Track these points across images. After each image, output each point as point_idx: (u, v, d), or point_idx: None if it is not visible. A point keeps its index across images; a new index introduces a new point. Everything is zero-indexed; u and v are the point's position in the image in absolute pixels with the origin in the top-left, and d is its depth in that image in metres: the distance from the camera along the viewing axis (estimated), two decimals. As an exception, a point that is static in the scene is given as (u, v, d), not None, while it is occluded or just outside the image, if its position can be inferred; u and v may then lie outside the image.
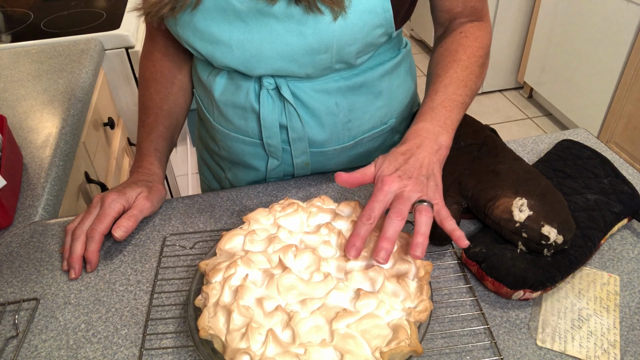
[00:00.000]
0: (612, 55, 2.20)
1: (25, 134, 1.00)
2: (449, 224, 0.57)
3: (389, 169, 0.59)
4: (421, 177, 0.59)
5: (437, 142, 0.63)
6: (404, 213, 0.56)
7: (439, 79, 0.70)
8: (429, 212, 0.56)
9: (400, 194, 0.57)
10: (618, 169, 0.72)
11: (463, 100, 0.68)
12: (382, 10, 0.64)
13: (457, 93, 0.68)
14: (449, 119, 0.66)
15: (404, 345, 0.47)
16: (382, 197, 0.57)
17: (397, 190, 0.58)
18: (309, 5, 0.61)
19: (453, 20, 0.76)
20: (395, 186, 0.58)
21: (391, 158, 0.61)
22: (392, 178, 0.58)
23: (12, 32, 1.52)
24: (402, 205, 0.56)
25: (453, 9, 0.74)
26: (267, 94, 0.72)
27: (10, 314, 0.61)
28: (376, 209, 0.56)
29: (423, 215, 0.56)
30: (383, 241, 0.54)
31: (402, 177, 0.58)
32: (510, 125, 2.81)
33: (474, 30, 0.74)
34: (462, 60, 0.71)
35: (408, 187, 0.57)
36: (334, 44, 0.65)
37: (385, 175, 0.59)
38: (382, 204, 0.57)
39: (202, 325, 0.50)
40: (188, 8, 0.65)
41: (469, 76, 0.70)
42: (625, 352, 0.53)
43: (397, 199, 0.57)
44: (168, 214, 0.75)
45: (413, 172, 0.59)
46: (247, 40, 0.66)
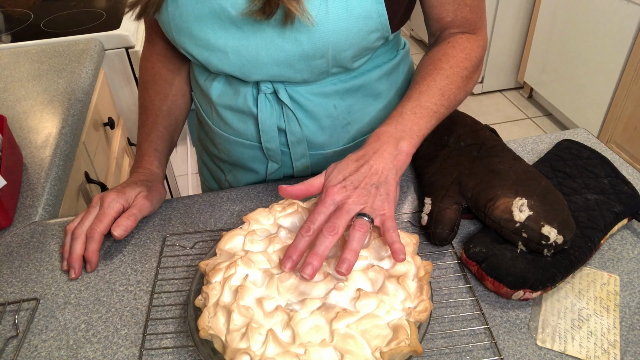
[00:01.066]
0: (612, 55, 2.20)
1: (25, 134, 1.00)
2: (390, 236, 0.54)
3: (337, 179, 0.57)
4: (369, 186, 0.57)
5: (396, 148, 0.60)
6: (338, 228, 0.53)
7: (415, 85, 0.68)
8: (364, 227, 0.54)
9: (341, 206, 0.55)
10: (618, 169, 0.72)
11: (437, 109, 0.65)
12: (377, 15, 0.64)
13: (431, 101, 0.65)
14: (415, 125, 0.63)
15: (404, 345, 0.47)
16: (324, 208, 0.55)
17: (340, 202, 0.56)
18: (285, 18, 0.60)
19: (444, 31, 0.74)
20: (339, 197, 0.56)
21: (342, 166, 0.59)
22: (336, 189, 0.56)
23: (12, 32, 1.52)
24: (338, 219, 0.54)
25: (443, 18, 0.72)
26: (265, 98, 0.72)
27: (10, 314, 0.61)
28: (317, 220, 0.54)
29: (356, 230, 0.53)
30: (311, 256, 0.52)
31: (347, 188, 0.56)
32: (510, 125, 2.81)
33: (463, 42, 0.71)
34: (444, 69, 0.68)
35: (351, 199, 0.55)
36: (330, 50, 0.64)
37: (330, 186, 0.57)
38: (324, 215, 0.55)
39: (202, 325, 0.50)
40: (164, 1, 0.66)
41: (448, 86, 0.67)
42: (625, 352, 0.53)
43: (336, 211, 0.55)
44: (168, 214, 0.75)
45: (361, 182, 0.57)
46: (242, 47, 0.66)
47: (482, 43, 0.73)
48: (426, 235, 0.66)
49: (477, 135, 0.76)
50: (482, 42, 0.73)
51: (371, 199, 0.56)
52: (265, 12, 0.60)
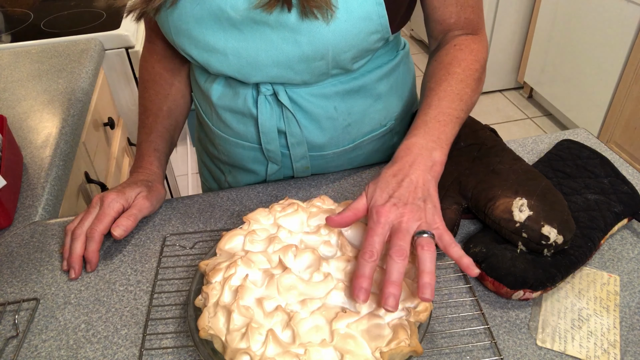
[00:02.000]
0: (612, 55, 2.20)
1: (25, 134, 1.00)
2: (455, 251, 0.53)
3: (382, 197, 0.56)
4: (417, 201, 0.55)
5: (430, 159, 0.60)
6: (405, 250, 0.52)
7: (432, 92, 0.67)
8: (431, 245, 0.52)
9: (398, 226, 0.53)
10: (618, 169, 0.72)
11: (458, 114, 0.65)
12: (377, 16, 0.63)
13: (452, 107, 0.65)
14: (443, 133, 0.63)
15: (404, 345, 0.47)
16: (380, 229, 0.53)
17: (395, 221, 0.54)
18: (304, 10, 0.60)
19: (447, 33, 0.73)
20: (392, 216, 0.54)
21: (383, 184, 0.57)
22: (387, 208, 0.54)
23: (12, 32, 1.52)
24: (402, 240, 0.52)
25: (446, 20, 0.71)
26: (265, 100, 0.72)
27: (10, 314, 0.61)
28: (377, 243, 0.52)
29: (425, 250, 0.51)
30: (389, 286, 0.49)
31: (397, 205, 0.55)
32: (510, 125, 2.81)
33: (469, 43, 0.71)
34: (457, 73, 0.68)
35: (405, 217, 0.54)
36: (329, 51, 0.64)
37: (379, 206, 0.55)
38: (382, 237, 0.53)
39: (202, 325, 0.50)
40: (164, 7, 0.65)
41: (464, 89, 0.67)
42: (625, 352, 0.53)
43: (395, 233, 0.53)
44: (168, 214, 0.75)
45: (408, 197, 0.55)
46: (242, 49, 0.65)
47: (485, 43, 0.73)
48: (426, 235, 0.66)
49: (477, 135, 0.76)
50: (485, 42, 0.73)
51: (424, 213, 0.55)
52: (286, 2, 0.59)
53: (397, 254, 0.51)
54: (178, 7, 0.65)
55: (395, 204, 0.55)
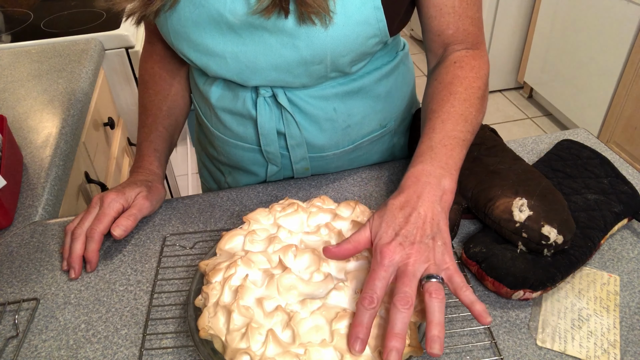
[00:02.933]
0: (612, 55, 2.20)
1: (25, 134, 1.00)
2: (466, 296, 0.49)
3: (388, 235, 0.52)
4: (425, 239, 0.51)
5: (440, 187, 0.56)
6: (411, 298, 0.48)
7: (435, 114, 0.63)
8: (440, 292, 0.48)
9: (404, 268, 0.50)
10: (618, 169, 0.72)
11: (464, 137, 0.61)
12: (376, 20, 0.63)
13: (457, 129, 0.61)
14: (450, 158, 0.59)
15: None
16: (383, 273, 0.50)
17: (400, 263, 0.50)
18: (302, 16, 0.60)
19: (446, 47, 0.70)
20: (398, 257, 0.50)
21: (389, 218, 0.53)
22: (392, 247, 0.50)
23: (12, 32, 1.52)
24: (407, 287, 0.48)
25: (444, 31, 0.68)
26: (264, 102, 0.72)
27: (10, 314, 0.61)
28: (378, 288, 0.49)
29: (434, 298, 0.47)
30: (392, 339, 0.46)
31: (403, 245, 0.51)
32: (510, 125, 2.81)
33: (470, 60, 0.67)
34: (459, 92, 0.64)
35: (412, 258, 0.50)
36: (328, 55, 0.64)
37: (384, 245, 0.51)
38: (385, 280, 0.49)
39: (202, 325, 0.50)
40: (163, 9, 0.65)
41: (468, 109, 0.63)
42: (625, 352, 0.53)
43: (400, 277, 0.49)
44: (168, 214, 0.75)
45: (416, 235, 0.51)
46: (241, 53, 0.65)
47: (486, 59, 0.70)
48: (426, 235, 0.66)
49: (477, 135, 0.76)
50: (485, 58, 0.70)
51: (432, 254, 0.51)
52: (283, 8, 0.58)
53: (401, 303, 0.47)
54: (177, 10, 0.65)
55: (401, 243, 0.51)
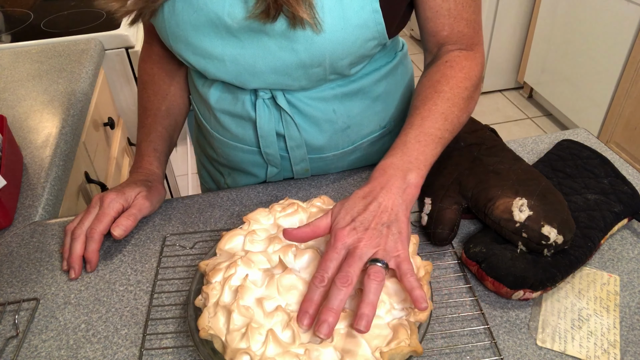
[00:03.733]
0: (612, 55, 2.20)
1: (25, 134, 1.00)
2: (409, 282, 0.50)
3: (345, 220, 0.54)
4: (379, 226, 0.53)
5: (404, 181, 0.58)
6: (352, 277, 0.49)
7: (417, 111, 0.65)
8: (378, 275, 0.50)
9: (353, 251, 0.51)
10: (618, 169, 0.72)
11: (442, 134, 0.63)
12: (374, 24, 0.63)
13: (435, 127, 0.63)
14: (422, 154, 0.60)
15: (404, 345, 0.47)
16: (335, 254, 0.52)
17: (351, 246, 0.52)
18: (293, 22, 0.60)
19: (441, 47, 0.71)
20: (349, 241, 0.52)
21: (349, 205, 0.55)
22: (346, 231, 0.53)
23: (12, 32, 1.52)
24: (351, 267, 0.50)
25: (439, 32, 0.69)
26: (263, 104, 0.72)
27: (10, 314, 0.61)
28: (330, 268, 0.51)
29: (372, 280, 0.49)
30: (326, 312, 0.48)
31: (357, 229, 0.53)
32: (510, 125, 2.81)
33: (461, 60, 0.68)
34: (444, 92, 0.65)
35: (362, 242, 0.52)
36: (327, 59, 0.64)
37: (339, 229, 0.53)
38: (336, 262, 0.52)
39: (202, 325, 0.50)
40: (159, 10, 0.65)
41: (451, 109, 0.64)
42: (625, 352, 0.53)
43: (347, 258, 0.51)
44: (168, 214, 0.75)
45: (371, 222, 0.53)
46: (240, 56, 0.65)
47: (480, 60, 0.70)
48: (426, 235, 0.66)
49: (477, 135, 0.76)
50: (480, 59, 0.70)
51: (383, 240, 0.52)
52: (269, 15, 0.59)
53: (341, 281, 0.49)
54: (175, 14, 0.65)
55: (355, 227, 0.53)
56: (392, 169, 0.59)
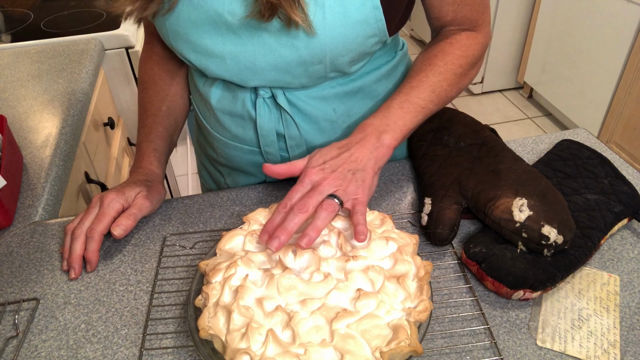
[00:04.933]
0: (612, 55, 2.20)
1: (25, 134, 1.00)
2: (356, 218, 0.56)
3: (317, 162, 0.60)
4: (345, 171, 0.59)
5: (378, 140, 0.62)
6: (308, 206, 0.56)
7: (408, 80, 0.69)
8: (330, 207, 0.56)
9: (316, 186, 0.58)
10: (618, 169, 0.72)
11: (425, 104, 0.67)
12: (375, 20, 0.63)
13: (420, 97, 0.66)
14: (400, 119, 0.64)
15: (404, 345, 0.47)
16: (300, 187, 0.59)
17: (316, 182, 0.58)
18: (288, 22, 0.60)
19: (445, 27, 0.74)
20: (316, 178, 0.59)
21: (325, 151, 0.62)
22: (315, 170, 0.59)
23: (12, 32, 1.52)
24: (310, 198, 0.57)
25: (443, 17, 0.72)
26: (264, 103, 0.72)
27: (10, 314, 0.61)
28: (293, 198, 0.58)
29: (323, 209, 0.56)
30: (279, 231, 0.55)
31: (324, 170, 0.59)
32: (510, 125, 2.81)
33: (462, 39, 0.71)
34: (438, 66, 0.69)
35: (326, 181, 0.58)
36: (327, 55, 0.64)
37: (310, 167, 0.60)
38: (300, 193, 0.58)
39: (202, 325, 0.50)
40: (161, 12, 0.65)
41: (440, 83, 0.68)
42: (625, 352, 0.53)
43: (310, 191, 0.58)
44: (168, 214, 0.75)
45: (339, 166, 0.59)
46: (240, 53, 0.65)
47: (482, 40, 0.73)
48: (426, 235, 0.66)
49: (477, 135, 0.76)
50: (482, 39, 0.73)
51: (346, 183, 0.58)
52: (264, 16, 0.59)
53: (298, 208, 0.56)
54: (175, 12, 0.65)
55: (323, 169, 0.59)
56: (370, 128, 0.64)
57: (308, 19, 0.60)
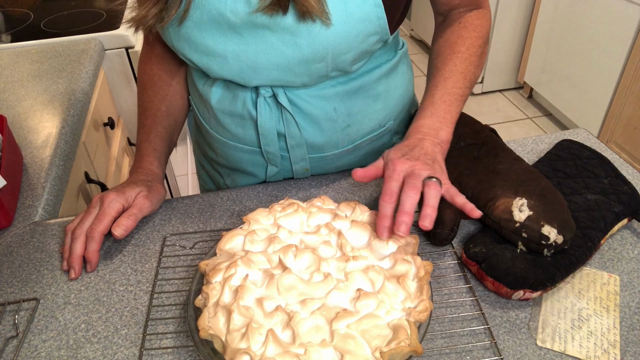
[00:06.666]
0: (612, 55, 2.20)
1: (25, 134, 1.00)
2: (460, 199, 0.60)
3: (396, 155, 0.63)
4: (427, 159, 0.62)
5: (437, 137, 0.66)
6: (418, 186, 0.58)
7: (438, 72, 0.72)
8: (437, 186, 0.59)
9: (411, 172, 0.60)
10: (618, 169, 0.72)
11: (462, 92, 0.70)
12: (376, 18, 0.64)
13: (457, 86, 0.70)
14: (448, 113, 0.68)
15: (404, 345, 0.47)
16: (396, 176, 0.60)
17: (408, 169, 0.60)
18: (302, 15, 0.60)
19: (452, 10, 0.76)
20: (406, 166, 0.61)
21: (396, 148, 0.64)
22: (401, 160, 0.61)
23: (12, 32, 1.52)
24: (415, 179, 0.59)
25: (451, 2, 0.75)
26: (264, 102, 0.72)
27: (10, 314, 0.61)
28: (394, 187, 0.60)
29: (432, 188, 0.58)
30: (402, 215, 0.57)
31: (410, 159, 0.61)
32: (510, 125, 2.81)
33: (473, 20, 0.74)
34: (461, 52, 0.72)
35: (417, 166, 0.60)
36: (329, 53, 0.64)
37: (393, 159, 0.62)
38: (398, 182, 0.60)
39: (202, 326, 0.50)
40: (175, 21, 0.65)
41: (468, 67, 0.71)
42: (625, 352, 0.53)
43: (408, 176, 0.60)
44: (168, 214, 0.75)
45: (420, 156, 0.62)
46: (242, 52, 0.65)
47: (488, 15, 0.76)
48: (426, 235, 0.66)
49: (477, 135, 0.76)
50: (488, 15, 0.76)
51: (432, 169, 0.61)
52: (281, 6, 0.60)
53: (410, 188, 0.58)
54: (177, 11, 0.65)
55: (408, 158, 0.62)
56: (424, 128, 0.67)
57: (324, 7, 0.61)
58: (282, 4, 0.60)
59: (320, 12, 0.60)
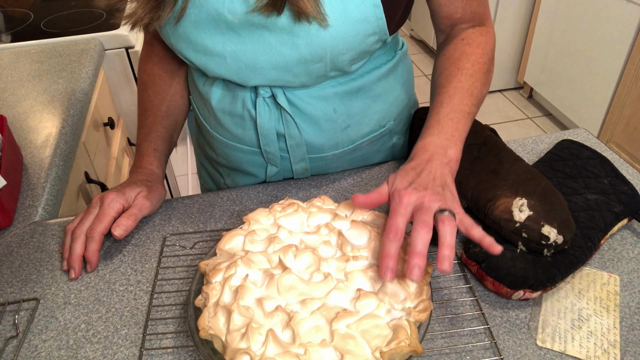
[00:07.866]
0: (612, 55, 2.20)
1: (25, 134, 1.00)
2: (477, 232, 0.55)
3: (403, 184, 0.58)
4: (436, 187, 0.57)
5: (446, 156, 0.62)
6: (430, 223, 0.53)
7: (443, 89, 0.69)
8: (452, 221, 0.53)
9: (420, 205, 0.55)
10: (618, 169, 0.72)
11: (469, 110, 0.67)
12: (375, 18, 0.63)
13: (463, 103, 0.67)
14: (456, 131, 0.65)
15: (404, 345, 0.47)
16: (402, 210, 0.55)
17: (417, 202, 0.55)
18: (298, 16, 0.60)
19: (454, 27, 0.74)
20: (414, 197, 0.55)
21: (402, 174, 0.59)
22: (408, 191, 0.56)
23: (12, 32, 1.52)
24: (426, 215, 0.54)
25: (452, 15, 0.72)
26: (264, 102, 0.72)
27: (10, 314, 0.61)
28: (400, 223, 0.54)
29: (446, 225, 0.53)
30: (414, 257, 0.51)
31: (418, 189, 0.56)
32: (510, 125, 2.82)
33: (477, 37, 0.72)
34: (466, 68, 0.69)
35: (427, 197, 0.55)
36: (328, 54, 0.64)
37: (401, 189, 0.57)
38: (405, 217, 0.55)
39: (202, 326, 0.50)
40: (171, 20, 0.65)
41: (474, 84, 0.68)
42: (625, 352, 0.53)
43: (418, 210, 0.55)
44: (168, 214, 0.75)
45: (428, 184, 0.57)
46: (240, 52, 0.65)
47: (492, 33, 0.74)
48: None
49: (477, 135, 0.76)
50: (492, 33, 0.74)
51: (443, 198, 0.56)
52: (276, 7, 0.59)
53: (421, 226, 0.53)
54: (175, 10, 0.65)
55: (416, 188, 0.57)
56: (433, 146, 0.63)
57: (321, 10, 0.60)
58: (277, 4, 0.59)
59: (316, 13, 0.59)
